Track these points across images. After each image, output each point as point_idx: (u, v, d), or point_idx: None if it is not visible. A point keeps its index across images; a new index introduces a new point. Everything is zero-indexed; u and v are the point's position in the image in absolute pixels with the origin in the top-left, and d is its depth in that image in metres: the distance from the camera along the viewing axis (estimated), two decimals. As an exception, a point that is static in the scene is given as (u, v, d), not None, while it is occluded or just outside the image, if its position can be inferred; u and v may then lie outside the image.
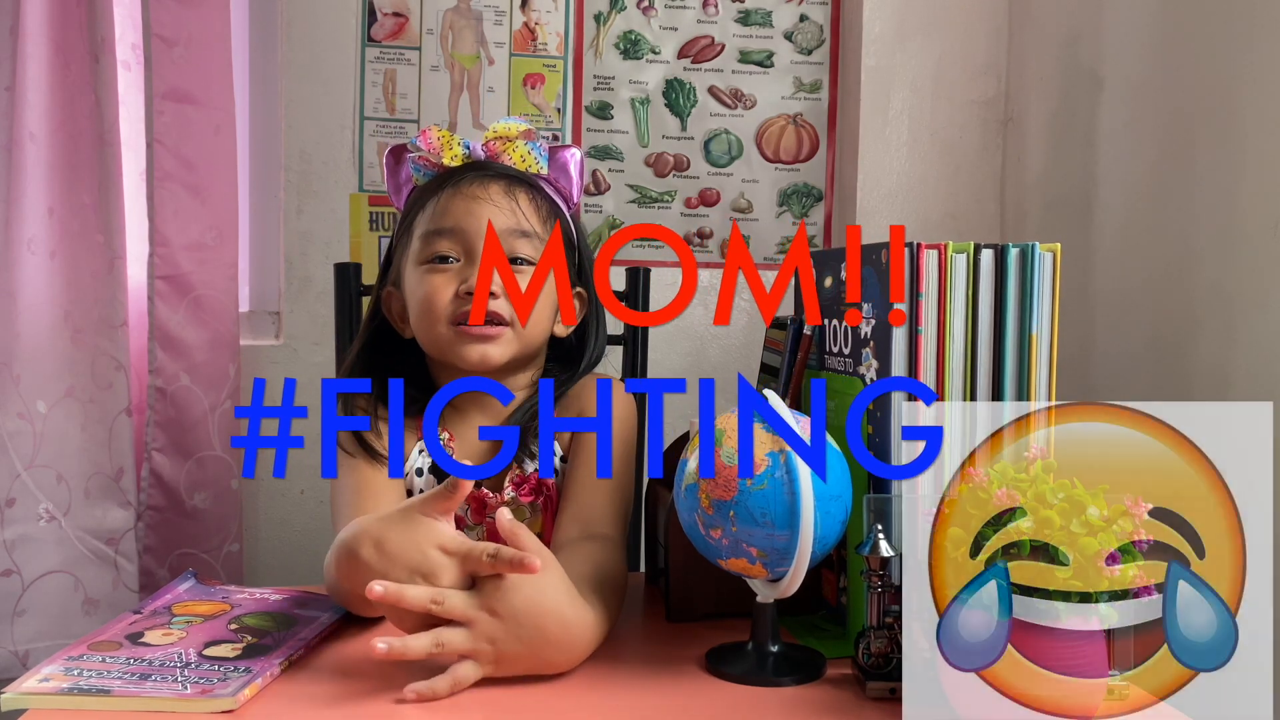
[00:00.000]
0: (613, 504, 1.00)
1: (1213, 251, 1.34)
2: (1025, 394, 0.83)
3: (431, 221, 1.02)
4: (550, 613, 0.78)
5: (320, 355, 1.76)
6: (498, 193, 1.02)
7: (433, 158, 1.04)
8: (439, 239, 1.01)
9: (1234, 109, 1.32)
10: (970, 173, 1.91)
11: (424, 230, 1.02)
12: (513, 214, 1.01)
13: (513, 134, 1.05)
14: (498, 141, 1.05)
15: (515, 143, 1.05)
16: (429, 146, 1.04)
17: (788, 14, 1.92)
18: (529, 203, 1.03)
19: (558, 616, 0.78)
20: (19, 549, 1.55)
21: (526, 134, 1.06)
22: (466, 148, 1.05)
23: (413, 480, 1.05)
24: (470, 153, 1.05)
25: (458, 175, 1.03)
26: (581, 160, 1.08)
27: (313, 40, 1.76)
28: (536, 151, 1.06)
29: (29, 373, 1.55)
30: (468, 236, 1.00)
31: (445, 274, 1.00)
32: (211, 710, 0.72)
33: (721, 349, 1.92)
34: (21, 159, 1.53)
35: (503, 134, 1.05)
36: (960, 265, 0.83)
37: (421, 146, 1.05)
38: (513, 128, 1.05)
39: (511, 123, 1.06)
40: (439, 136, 1.04)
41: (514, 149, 1.05)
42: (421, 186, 1.06)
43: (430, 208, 1.02)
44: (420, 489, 1.04)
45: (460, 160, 1.05)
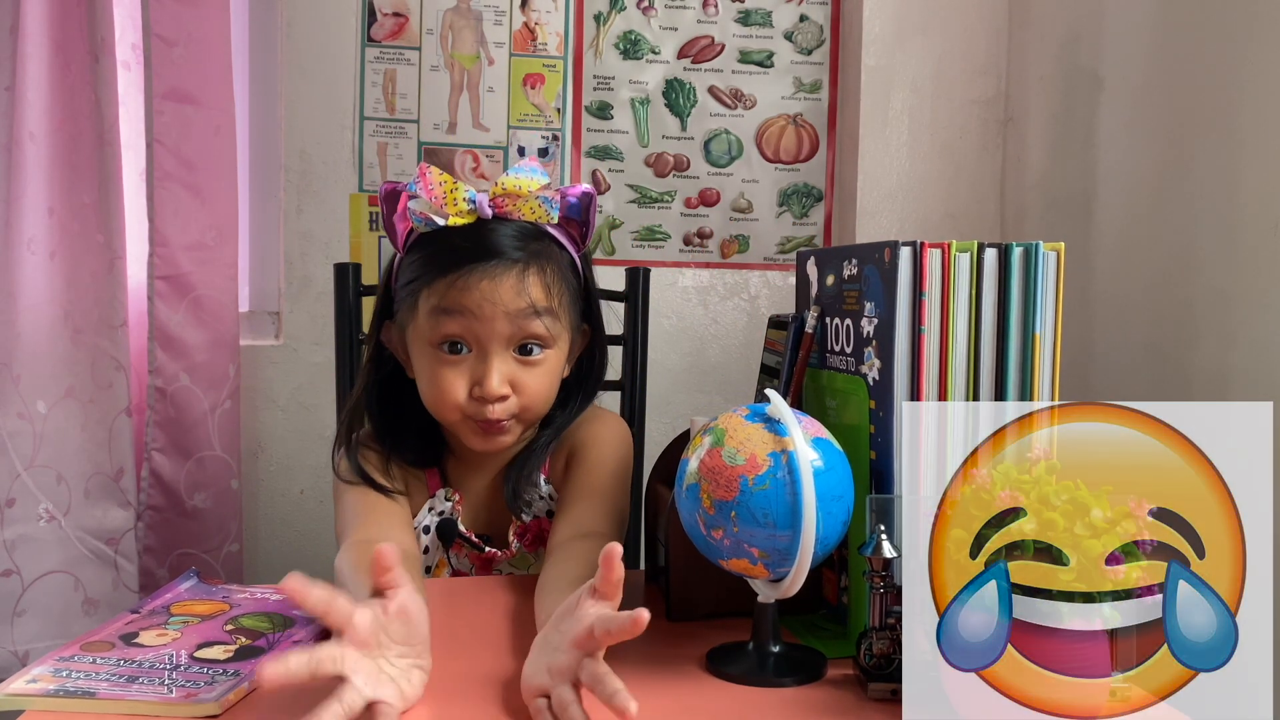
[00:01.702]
0: (605, 506, 1.02)
1: (1213, 252, 1.34)
2: (1028, 394, 0.83)
3: (441, 299, 0.96)
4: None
5: (320, 355, 1.76)
6: (509, 290, 0.96)
7: (435, 213, 0.96)
8: (448, 321, 0.96)
9: (1234, 109, 1.32)
10: (970, 173, 1.91)
11: (433, 305, 0.97)
12: (524, 307, 0.96)
13: (524, 192, 0.97)
14: (506, 199, 0.98)
15: (526, 199, 0.98)
16: (430, 194, 0.96)
17: (788, 14, 1.92)
18: (540, 286, 0.98)
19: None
20: (19, 549, 1.55)
21: (541, 189, 0.99)
22: (472, 202, 0.97)
23: (419, 537, 1.06)
24: (476, 207, 0.97)
25: (466, 258, 0.95)
26: (594, 201, 1.02)
27: (313, 40, 1.76)
28: (548, 205, 0.98)
29: (29, 373, 1.55)
30: (479, 330, 0.96)
31: (457, 367, 0.98)
32: (193, 715, 0.71)
33: (721, 349, 1.92)
34: (21, 159, 1.53)
35: (512, 191, 0.97)
36: (964, 264, 0.82)
37: (421, 192, 0.96)
38: (524, 184, 0.97)
39: (523, 177, 0.98)
40: (440, 183, 0.96)
41: (525, 204, 0.98)
42: (426, 254, 0.98)
43: (438, 286, 0.96)
44: (426, 547, 1.07)
45: (465, 216, 0.97)
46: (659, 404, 1.81)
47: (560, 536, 0.98)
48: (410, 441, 1.06)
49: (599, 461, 1.05)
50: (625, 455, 1.09)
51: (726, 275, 1.92)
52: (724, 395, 1.91)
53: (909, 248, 0.82)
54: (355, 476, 1.01)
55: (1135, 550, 0.69)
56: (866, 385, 0.86)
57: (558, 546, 0.96)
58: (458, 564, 1.07)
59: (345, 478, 1.02)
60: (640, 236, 1.90)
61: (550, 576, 0.89)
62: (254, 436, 1.76)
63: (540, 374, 1.00)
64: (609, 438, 1.08)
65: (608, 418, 1.12)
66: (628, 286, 1.38)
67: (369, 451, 1.04)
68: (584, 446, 1.07)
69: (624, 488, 1.06)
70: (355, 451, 1.03)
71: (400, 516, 1.02)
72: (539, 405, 1.02)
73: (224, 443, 1.66)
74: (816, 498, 0.75)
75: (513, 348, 0.98)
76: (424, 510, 1.07)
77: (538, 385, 1.00)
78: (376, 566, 0.71)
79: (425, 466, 1.07)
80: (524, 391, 0.99)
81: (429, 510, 1.07)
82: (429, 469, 1.08)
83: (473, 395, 0.98)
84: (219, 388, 1.66)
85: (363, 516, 0.98)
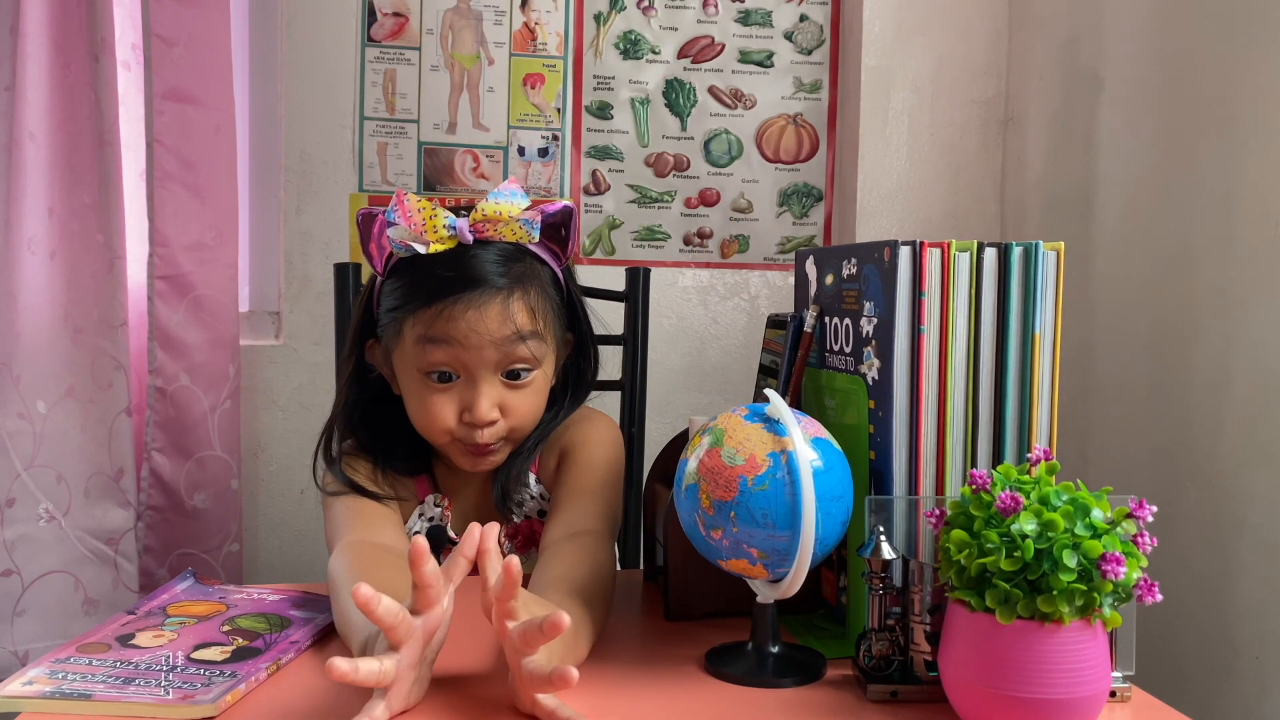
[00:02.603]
0: (598, 505, 1.02)
1: (1213, 251, 1.34)
2: (1028, 394, 0.83)
3: (427, 329, 0.96)
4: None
5: (320, 355, 1.76)
6: (494, 318, 0.96)
7: (415, 241, 0.95)
8: (435, 350, 0.97)
9: (1234, 109, 1.32)
10: (970, 173, 1.91)
11: (419, 334, 0.97)
12: (510, 334, 0.97)
13: (504, 217, 0.96)
14: (486, 224, 0.96)
15: (506, 222, 0.97)
16: (409, 221, 0.94)
17: (788, 14, 1.91)
18: (524, 311, 0.98)
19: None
20: (19, 549, 1.55)
21: (523, 213, 0.97)
22: (452, 229, 0.95)
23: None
24: (457, 233, 0.96)
25: (450, 289, 0.95)
26: (577, 219, 1.04)
27: (313, 40, 1.76)
28: (528, 226, 0.98)
29: (29, 373, 1.55)
30: (465, 358, 0.97)
31: (446, 394, 0.99)
32: (191, 717, 0.71)
33: (721, 349, 1.92)
34: (21, 159, 1.53)
35: (492, 217, 0.96)
36: (963, 264, 0.82)
37: (399, 220, 0.94)
38: (504, 210, 0.96)
39: (504, 202, 0.96)
40: (419, 210, 0.94)
41: (505, 228, 0.97)
42: (408, 282, 0.98)
43: (423, 316, 0.96)
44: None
45: (445, 243, 0.95)
46: (659, 404, 1.81)
47: (552, 536, 0.98)
48: (399, 450, 1.06)
49: (589, 462, 1.06)
50: (616, 456, 1.09)
51: (726, 275, 1.92)
52: (724, 395, 1.91)
53: (908, 247, 0.82)
54: (343, 487, 1.02)
55: (1136, 551, 0.69)
56: (866, 385, 0.86)
57: (549, 546, 0.97)
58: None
59: (332, 489, 1.02)
60: (640, 236, 1.90)
61: (541, 576, 0.90)
62: (254, 436, 1.76)
63: (528, 395, 1.02)
64: (599, 439, 1.09)
65: (598, 418, 1.13)
66: (628, 286, 1.38)
67: (357, 462, 1.05)
68: (575, 447, 1.07)
69: (616, 487, 1.07)
70: (340, 464, 1.03)
71: (392, 520, 1.02)
72: (527, 425, 1.04)
73: (224, 443, 1.66)
74: (816, 498, 0.75)
75: (500, 373, 0.99)
76: (414, 517, 1.08)
77: (526, 407, 1.02)
78: (414, 557, 0.71)
79: (415, 474, 1.08)
80: (512, 414, 1.01)
81: (419, 516, 1.08)
82: (418, 476, 1.08)
83: (462, 420, 0.99)
84: (219, 388, 1.66)
85: (353, 520, 0.99)
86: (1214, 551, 1.31)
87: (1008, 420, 0.83)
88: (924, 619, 0.76)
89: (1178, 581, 1.36)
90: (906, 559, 0.77)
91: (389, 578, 0.82)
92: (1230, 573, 1.29)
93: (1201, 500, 1.34)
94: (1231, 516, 1.29)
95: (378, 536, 0.97)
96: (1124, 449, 1.51)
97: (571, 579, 0.87)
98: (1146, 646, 0.84)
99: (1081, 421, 1.58)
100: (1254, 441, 1.26)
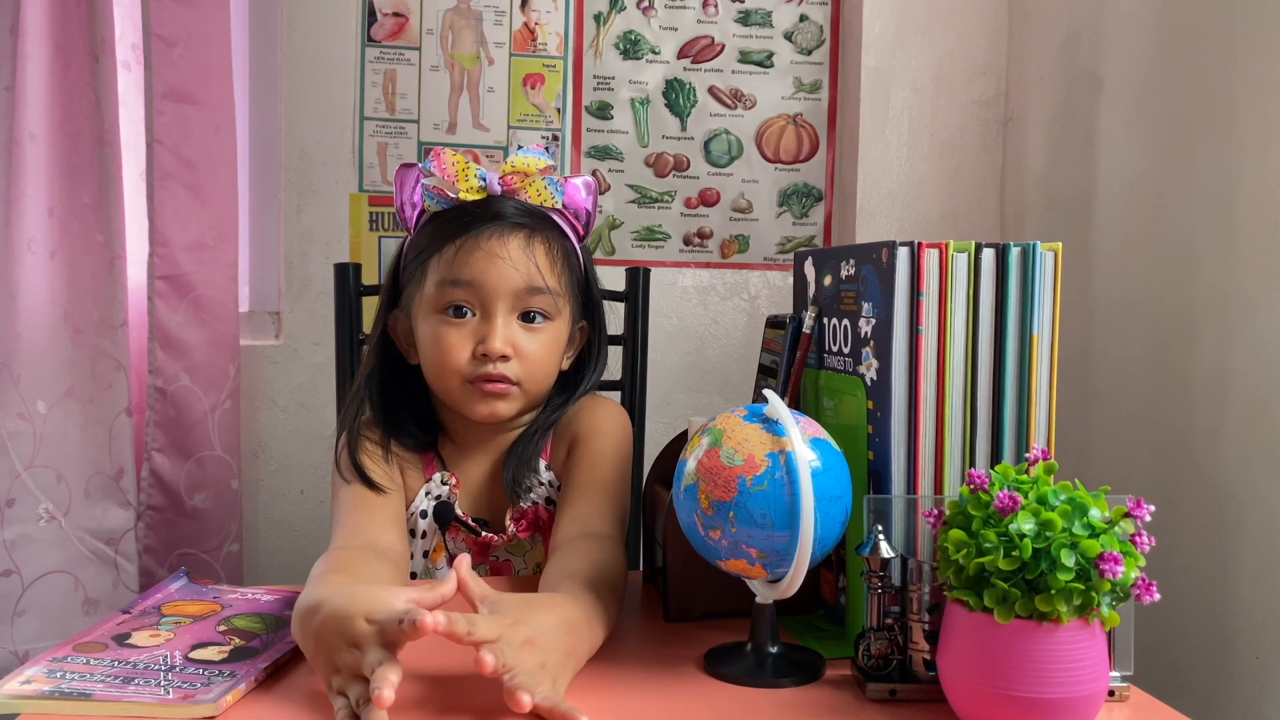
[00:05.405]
0: (609, 504, 1.02)
1: (1213, 252, 1.34)
2: (1026, 395, 0.83)
3: (448, 270, 1.01)
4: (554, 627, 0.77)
5: (320, 355, 1.76)
6: (516, 250, 1.01)
7: (447, 188, 1.03)
8: (455, 289, 1.01)
9: (1234, 109, 1.32)
10: (970, 173, 1.91)
11: (440, 277, 1.01)
12: (529, 270, 1.01)
13: (531, 170, 1.04)
14: (515, 176, 1.04)
15: (533, 178, 1.04)
16: (443, 173, 1.02)
17: (788, 14, 1.91)
18: (545, 256, 1.03)
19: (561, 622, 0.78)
20: (19, 549, 1.55)
21: (546, 170, 1.05)
22: (483, 180, 1.03)
23: (416, 521, 1.07)
24: (487, 185, 1.03)
25: (475, 222, 1.01)
26: (595, 189, 1.09)
27: (313, 40, 1.76)
28: (553, 187, 1.05)
29: (29, 373, 1.55)
30: (485, 292, 1.01)
31: (461, 329, 1.01)
32: (193, 716, 0.71)
33: (721, 349, 1.92)
34: (21, 159, 1.53)
35: (521, 169, 1.04)
36: (961, 264, 0.82)
37: (435, 171, 1.03)
38: (532, 163, 1.04)
39: (530, 157, 1.04)
40: (454, 163, 1.03)
41: (531, 184, 1.04)
42: (436, 226, 1.04)
43: (447, 253, 1.01)
44: (423, 531, 1.08)
45: (476, 193, 1.03)
46: (659, 404, 1.81)
47: (564, 534, 0.98)
48: (409, 426, 1.08)
49: (601, 454, 1.06)
50: (626, 446, 1.10)
51: (726, 275, 1.92)
52: (724, 395, 1.91)
53: (906, 248, 0.82)
54: (352, 474, 1.02)
55: (1134, 550, 0.69)
56: (864, 385, 0.86)
57: (562, 544, 0.96)
58: (454, 548, 1.08)
59: (344, 475, 1.03)
60: (640, 236, 1.90)
61: (554, 573, 0.90)
62: (254, 436, 1.76)
63: (541, 342, 1.04)
64: (611, 429, 1.09)
65: (608, 405, 1.13)
66: (628, 286, 1.38)
67: (368, 441, 1.06)
68: (586, 435, 1.08)
69: (625, 481, 1.07)
70: (356, 440, 1.04)
71: (392, 517, 1.02)
72: (539, 376, 1.05)
73: (224, 443, 1.66)
74: (814, 498, 0.75)
75: (516, 314, 1.02)
76: (420, 495, 1.08)
77: (539, 353, 1.03)
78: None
79: (422, 451, 1.09)
80: (525, 357, 1.02)
81: (425, 494, 1.08)
82: (426, 454, 1.09)
83: (475, 355, 1.01)
84: (219, 388, 1.66)
85: (353, 516, 0.99)
86: (1213, 551, 1.31)
87: (1006, 420, 0.83)
88: (923, 618, 0.76)
89: (1177, 581, 1.36)
90: (905, 558, 0.77)
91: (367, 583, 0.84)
92: (1229, 572, 1.29)
93: (1201, 500, 1.34)
94: (1231, 516, 1.29)
95: (370, 535, 0.97)
96: (1123, 449, 1.51)
97: (585, 573, 0.87)
98: (1145, 646, 0.85)
99: (1081, 421, 1.58)
100: (1254, 442, 1.26)
